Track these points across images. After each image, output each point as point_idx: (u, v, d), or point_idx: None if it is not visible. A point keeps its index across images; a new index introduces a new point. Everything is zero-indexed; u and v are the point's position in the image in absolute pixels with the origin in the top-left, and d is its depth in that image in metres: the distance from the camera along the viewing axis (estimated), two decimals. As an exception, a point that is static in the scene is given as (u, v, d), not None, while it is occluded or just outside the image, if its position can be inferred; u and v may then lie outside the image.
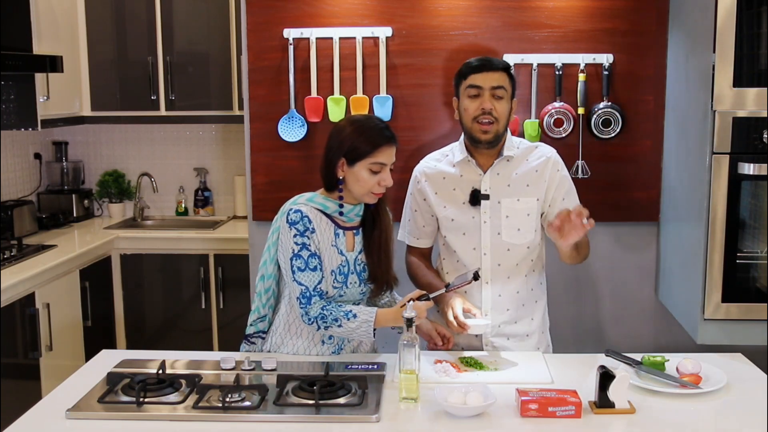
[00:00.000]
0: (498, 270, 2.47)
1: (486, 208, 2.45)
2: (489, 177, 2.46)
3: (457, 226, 2.48)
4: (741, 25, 2.49)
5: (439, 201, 2.51)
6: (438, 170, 2.52)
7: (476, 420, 1.92)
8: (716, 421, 1.99)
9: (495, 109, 2.36)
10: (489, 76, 2.37)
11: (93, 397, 2.03)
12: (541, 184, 2.46)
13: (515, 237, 2.45)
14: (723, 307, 2.63)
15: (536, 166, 2.47)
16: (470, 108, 2.39)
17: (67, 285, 3.77)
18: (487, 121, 2.37)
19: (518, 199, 2.45)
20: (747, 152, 2.55)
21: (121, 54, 4.35)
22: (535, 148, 2.51)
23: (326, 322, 2.21)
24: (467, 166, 2.48)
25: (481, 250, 2.47)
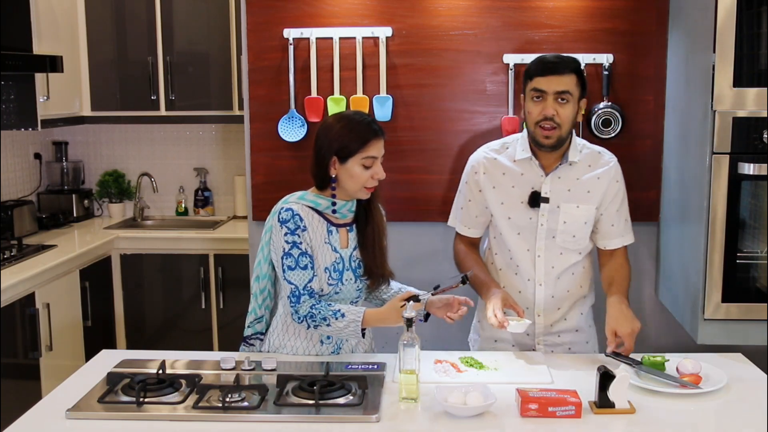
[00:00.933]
0: (551, 272, 2.46)
1: (545, 211, 2.42)
2: (550, 180, 2.42)
3: (513, 225, 2.46)
4: (741, 25, 2.48)
5: (496, 197, 2.47)
6: (498, 164, 2.47)
7: (476, 420, 1.92)
8: (716, 421, 1.99)
9: (558, 115, 2.30)
10: (554, 80, 2.30)
11: (93, 397, 2.03)
12: (600, 193, 2.44)
13: (569, 243, 2.44)
14: (723, 307, 2.63)
15: (599, 173, 2.44)
16: (533, 112, 2.34)
17: (67, 285, 3.77)
18: (549, 126, 2.32)
19: (577, 206, 2.42)
20: (747, 152, 2.55)
21: (121, 54, 4.35)
22: (598, 154, 2.47)
23: (315, 321, 2.21)
24: (529, 166, 2.43)
25: (535, 252, 2.45)
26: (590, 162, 2.45)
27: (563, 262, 2.47)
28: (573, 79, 2.32)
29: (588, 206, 2.43)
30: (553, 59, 2.35)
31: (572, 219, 2.42)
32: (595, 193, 2.44)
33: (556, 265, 2.46)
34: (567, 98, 2.31)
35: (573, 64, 2.35)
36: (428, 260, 3.28)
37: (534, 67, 2.35)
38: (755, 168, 2.53)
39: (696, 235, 2.68)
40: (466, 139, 3.21)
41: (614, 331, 2.31)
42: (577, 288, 2.52)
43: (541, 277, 2.47)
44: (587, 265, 2.54)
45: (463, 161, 3.22)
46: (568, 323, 2.53)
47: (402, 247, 3.27)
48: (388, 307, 2.21)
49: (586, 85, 2.39)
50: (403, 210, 3.25)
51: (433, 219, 3.27)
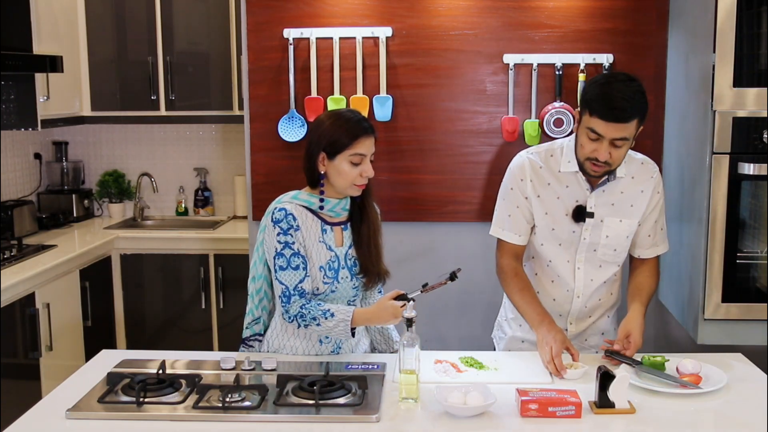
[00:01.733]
0: (590, 284, 2.43)
1: (588, 225, 2.36)
2: (595, 194, 2.35)
3: (555, 236, 2.40)
4: (741, 25, 2.48)
5: (540, 206, 2.39)
6: (544, 173, 2.38)
7: (476, 420, 1.92)
8: (716, 421, 1.99)
9: (611, 157, 2.20)
10: (615, 127, 2.15)
11: (93, 397, 2.03)
12: (643, 206, 2.39)
13: (610, 256, 2.41)
14: (723, 307, 2.63)
15: (642, 186, 2.37)
16: (586, 147, 2.22)
17: (67, 285, 3.77)
18: (599, 166, 2.24)
19: (621, 220, 2.37)
20: (747, 152, 2.55)
21: (121, 54, 4.35)
22: (641, 164, 2.39)
23: (305, 320, 2.22)
24: (575, 179, 2.35)
25: (575, 264, 2.42)
26: (634, 174, 2.37)
27: (602, 275, 2.43)
28: (633, 125, 2.16)
29: (631, 220, 2.38)
30: (619, 105, 2.13)
31: (615, 233, 2.37)
32: (638, 206, 2.38)
33: (595, 277, 2.42)
34: (622, 144, 2.19)
35: (639, 112, 2.16)
36: (427, 259, 3.28)
37: (596, 105, 2.16)
38: (755, 168, 2.53)
39: (696, 235, 2.68)
40: (466, 139, 3.22)
41: (628, 334, 2.29)
42: (608, 296, 2.50)
43: (580, 288, 2.43)
44: (619, 273, 2.50)
45: (462, 161, 3.24)
46: (595, 327, 2.52)
47: (402, 246, 3.27)
48: (377, 306, 2.21)
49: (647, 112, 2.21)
50: (402, 210, 3.25)
51: (432, 219, 3.27)
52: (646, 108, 2.19)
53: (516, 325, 2.55)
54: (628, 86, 2.17)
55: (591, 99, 2.18)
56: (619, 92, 2.14)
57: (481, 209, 3.23)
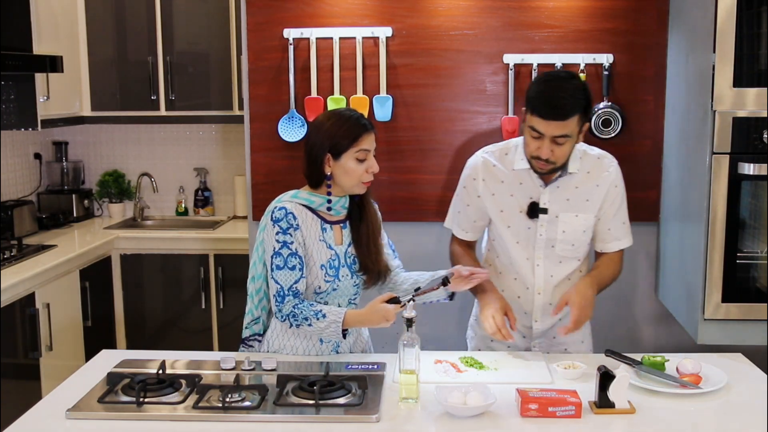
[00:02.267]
0: (550, 281, 2.45)
1: (543, 221, 2.39)
2: (549, 190, 2.38)
3: (513, 233, 2.43)
4: (741, 25, 2.48)
5: (495, 204, 2.44)
6: (497, 171, 2.42)
7: (476, 420, 1.92)
8: (716, 421, 1.99)
9: (553, 155, 2.23)
10: (554, 125, 2.18)
11: (93, 397, 2.03)
12: (599, 201, 2.41)
13: (569, 251, 2.43)
14: (723, 307, 2.63)
15: (598, 180, 2.40)
16: (531, 145, 2.27)
17: (67, 285, 3.77)
18: (543, 164, 2.28)
19: (576, 215, 2.39)
20: (747, 152, 2.55)
21: (121, 54, 4.35)
22: (597, 159, 2.41)
23: (297, 320, 2.22)
24: (528, 176, 2.38)
25: (534, 261, 2.44)
26: (589, 169, 2.40)
27: (562, 271, 2.45)
28: (576, 119, 2.20)
29: (587, 215, 2.40)
30: (557, 103, 2.17)
31: (571, 228, 2.40)
32: (594, 201, 2.40)
33: (555, 273, 2.45)
34: (564, 141, 2.22)
35: (577, 108, 2.19)
36: (427, 260, 3.27)
37: (535, 104, 2.20)
38: (755, 168, 2.53)
39: (696, 235, 2.68)
40: (466, 139, 3.22)
41: (566, 300, 2.31)
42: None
43: (540, 285, 2.46)
44: (584, 270, 2.52)
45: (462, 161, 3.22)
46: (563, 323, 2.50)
47: (401, 246, 3.25)
48: (369, 308, 2.21)
49: (590, 114, 2.27)
50: (402, 210, 3.25)
51: (432, 219, 3.27)
52: (587, 104, 2.22)
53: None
54: (567, 83, 2.21)
55: (531, 98, 2.23)
56: (557, 90, 2.19)
57: (481, 209, 3.22)
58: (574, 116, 2.19)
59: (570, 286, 2.45)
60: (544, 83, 2.24)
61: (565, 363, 2.22)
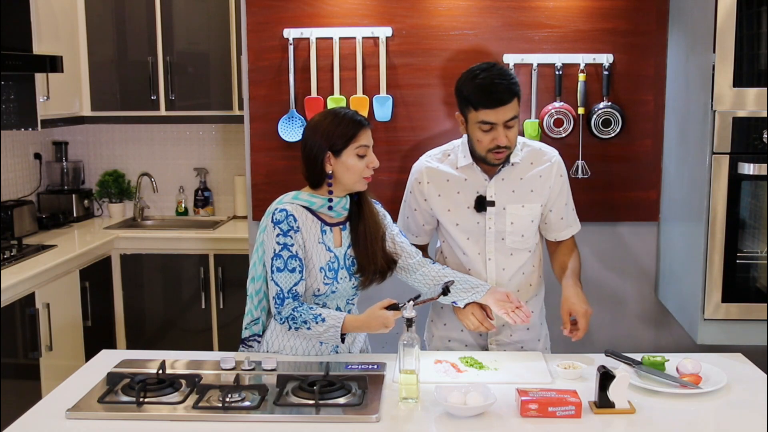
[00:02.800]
0: (502, 274, 2.48)
1: (491, 214, 2.43)
2: (494, 183, 2.43)
3: (462, 230, 2.47)
4: (741, 25, 2.48)
5: (442, 204, 2.48)
6: (441, 172, 2.48)
7: (476, 420, 1.92)
8: (716, 421, 1.99)
9: (508, 139, 2.31)
10: (502, 111, 2.27)
11: (93, 397, 2.03)
12: (545, 190, 2.46)
13: (519, 243, 2.46)
14: (723, 307, 2.63)
15: (540, 171, 2.46)
16: (484, 140, 2.32)
17: (67, 285, 3.77)
18: (501, 152, 2.34)
19: (523, 206, 2.44)
20: (747, 152, 2.55)
21: (121, 54, 4.35)
22: (539, 151, 2.49)
23: (296, 323, 2.22)
24: (472, 171, 2.45)
25: (486, 255, 2.47)
26: (532, 160, 2.46)
27: (514, 263, 2.48)
28: (516, 101, 2.30)
29: (533, 205, 2.45)
30: (498, 89, 2.26)
31: (519, 219, 2.44)
32: (539, 191, 2.45)
33: (507, 266, 2.48)
34: (513, 124, 2.31)
35: (515, 88, 2.29)
36: (428, 260, 3.27)
37: (478, 98, 2.28)
38: (755, 168, 2.53)
39: (696, 235, 2.68)
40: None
41: (569, 312, 2.36)
42: (527, 287, 2.53)
43: (493, 279, 2.47)
44: (536, 263, 2.55)
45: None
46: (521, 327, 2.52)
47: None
48: (367, 314, 2.21)
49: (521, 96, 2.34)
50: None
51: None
52: (517, 83, 2.31)
53: (441, 324, 2.59)
54: (492, 71, 2.30)
55: (469, 96, 2.30)
56: (489, 79, 2.27)
57: (481, 209, 3.22)
58: (515, 98, 2.29)
59: (522, 279, 2.50)
60: (475, 79, 2.29)
61: (565, 363, 2.22)
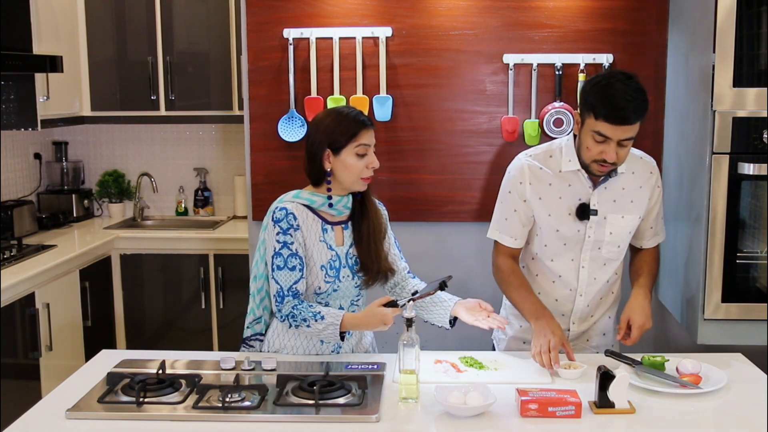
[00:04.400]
0: (593, 283, 2.45)
1: (592, 223, 2.37)
2: (598, 192, 2.37)
3: (560, 236, 2.41)
4: (741, 25, 2.48)
5: (543, 208, 2.40)
6: (544, 174, 2.39)
7: (476, 420, 1.92)
8: (716, 421, 1.99)
9: (618, 157, 2.24)
10: (621, 129, 2.17)
11: (93, 397, 2.03)
12: (644, 202, 2.42)
13: (614, 253, 2.43)
14: (723, 307, 2.63)
15: (641, 182, 2.41)
16: (593, 150, 2.24)
17: (67, 285, 3.77)
18: (606, 167, 2.27)
19: (623, 216, 2.39)
20: (747, 152, 2.55)
21: (121, 54, 4.35)
22: (639, 159, 2.42)
23: (296, 321, 2.22)
24: (576, 178, 2.37)
25: (580, 263, 2.42)
26: (633, 169, 2.40)
27: (605, 273, 2.45)
28: (639, 123, 2.20)
29: (632, 216, 2.40)
30: (627, 107, 2.15)
31: (618, 230, 2.39)
32: (639, 202, 2.41)
33: (599, 276, 2.44)
34: (629, 143, 2.23)
35: (644, 110, 2.19)
36: (428, 260, 3.28)
37: (604, 109, 2.16)
38: (755, 168, 2.53)
39: (696, 235, 2.68)
40: (466, 139, 3.22)
41: (628, 320, 2.34)
42: (609, 294, 2.52)
43: (583, 287, 2.44)
44: (620, 272, 2.52)
45: (462, 161, 3.24)
46: (597, 327, 2.53)
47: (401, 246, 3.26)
48: (366, 312, 2.22)
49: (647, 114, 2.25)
50: (402, 210, 3.25)
51: (432, 219, 3.27)
52: (648, 105, 2.21)
53: (517, 325, 2.55)
54: (629, 85, 2.18)
55: (595, 103, 2.19)
56: (622, 93, 2.16)
57: (481, 209, 3.22)
58: (640, 120, 2.19)
59: (607, 288, 2.47)
60: (607, 87, 2.18)
61: (565, 363, 2.21)
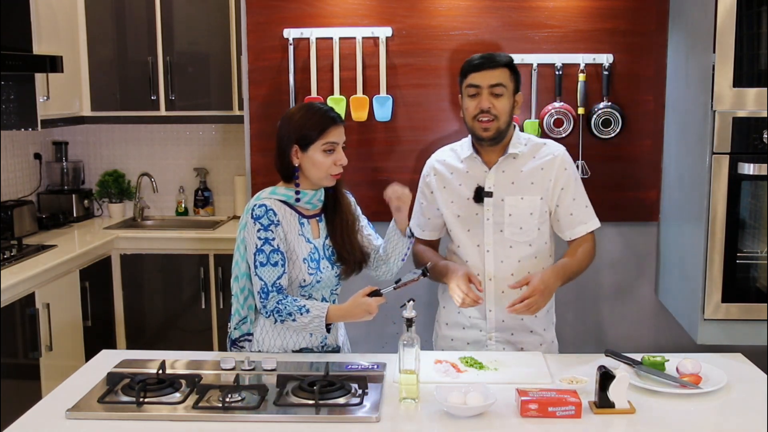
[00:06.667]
0: (501, 267, 2.48)
1: (489, 205, 2.47)
2: (494, 174, 2.48)
3: (462, 222, 2.51)
4: (741, 25, 2.49)
5: (445, 196, 2.54)
6: (447, 165, 2.56)
7: (476, 420, 1.92)
8: (716, 421, 1.99)
9: (494, 107, 2.38)
10: (487, 74, 2.38)
11: (93, 397, 2.03)
12: (546, 183, 2.47)
13: (517, 235, 2.47)
14: (723, 307, 2.63)
15: (542, 164, 2.48)
16: (470, 107, 2.42)
17: (67, 285, 3.77)
18: (486, 119, 2.39)
19: (522, 198, 2.46)
20: (747, 152, 2.55)
21: (121, 54, 4.35)
22: (543, 146, 2.52)
23: (281, 316, 2.24)
24: (473, 163, 2.51)
25: (484, 247, 2.48)
26: (534, 153, 2.50)
27: (513, 256, 2.47)
28: (506, 72, 2.40)
29: (533, 197, 2.46)
30: (486, 55, 2.43)
31: (517, 211, 2.45)
32: (540, 184, 2.46)
33: (505, 259, 2.48)
34: (501, 91, 2.38)
35: (505, 59, 2.42)
36: (428, 260, 3.27)
37: (467, 64, 2.43)
38: (755, 168, 2.53)
39: (696, 235, 2.68)
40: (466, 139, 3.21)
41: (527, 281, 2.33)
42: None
43: (491, 271, 2.48)
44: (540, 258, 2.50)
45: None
46: (523, 323, 2.51)
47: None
48: (351, 303, 2.24)
49: (519, 79, 2.45)
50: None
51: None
52: (512, 63, 2.43)
53: (444, 325, 2.61)
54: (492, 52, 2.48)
55: (462, 67, 2.45)
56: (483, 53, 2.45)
57: (481, 209, 3.22)
58: (503, 68, 2.39)
59: (524, 273, 2.46)
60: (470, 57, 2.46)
61: (568, 377, 2.19)
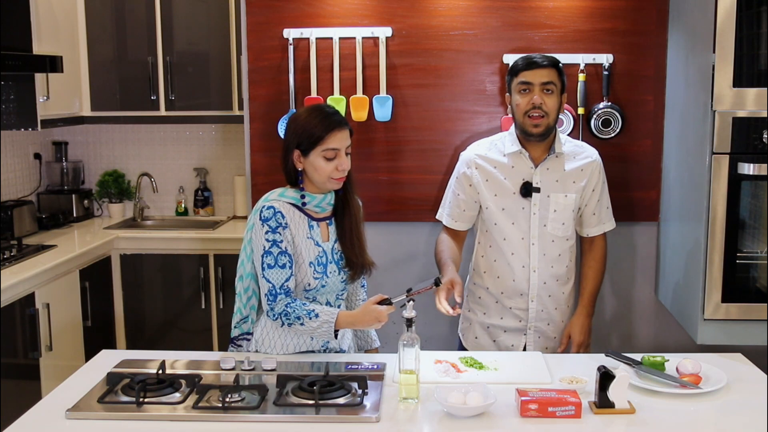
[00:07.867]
0: (543, 259, 2.61)
1: (536, 200, 2.59)
2: (540, 171, 2.60)
3: (508, 215, 2.62)
4: (741, 25, 2.48)
5: (489, 189, 2.63)
6: (488, 159, 2.65)
7: (476, 420, 1.92)
8: (716, 421, 1.99)
9: (545, 104, 2.51)
10: (539, 72, 2.51)
11: (93, 397, 2.03)
12: (582, 183, 2.64)
13: (559, 230, 2.61)
14: (723, 307, 2.63)
15: (582, 165, 2.65)
16: (521, 103, 2.53)
17: (67, 285, 3.77)
18: (537, 114, 2.51)
19: (566, 195, 2.61)
20: (747, 152, 2.55)
21: (121, 54, 4.35)
22: (581, 146, 2.71)
23: (289, 319, 2.23)
24: (519, 159, 2.61)
25: (530, 240, 2.60)
26: (575, 153, 2.66)
27: (554, 250, 2.63)
28: (554, 72, 2.54)
29: (574, 195, 2.62)
30: (537, 55, 2.57)
31: (561, 207, 2.60)
32: (579, 182, 2.63)
33: (548, 252, 2.63)
34: (551, 89, 2.52)
35: (553, 59, 2.57)
36: (427, 259, 3.27)
37: (520, 63, 2.56)
38: (755, 168, 2.53)
39: (696, 235, 2.68)
40: (466, 139, 3.21)
41: (569, 336, 2.65)
42: (565, 276, 2.68)
43: (535, 263, 2.62)
44: (572, 258, 2.69)
45: (463, 161, 3.23)
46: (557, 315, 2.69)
47: (400, 246, 3.27)
48: (361, 310, 2.23)
49: (565, 81, 2.59)
50: (402, 210, 3.25)
51: (432, 219, 3.26)
52: (560, 65, 2.57)
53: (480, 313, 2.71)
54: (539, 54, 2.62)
55: (514, 66, 2.59)
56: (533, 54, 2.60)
57: (481, 209, 3.22)
58: (553, 68, 2.54)
59: (561, 265, 2.64)
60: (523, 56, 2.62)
61: (568, 377, 2.19)
